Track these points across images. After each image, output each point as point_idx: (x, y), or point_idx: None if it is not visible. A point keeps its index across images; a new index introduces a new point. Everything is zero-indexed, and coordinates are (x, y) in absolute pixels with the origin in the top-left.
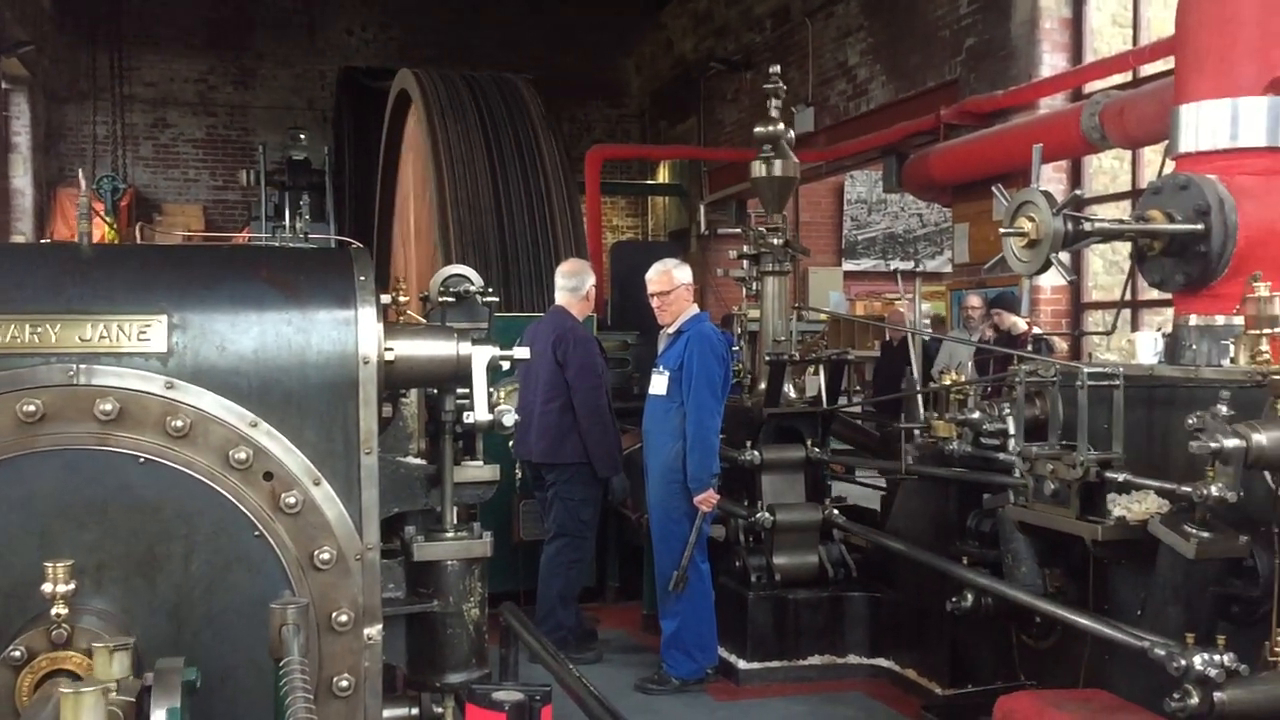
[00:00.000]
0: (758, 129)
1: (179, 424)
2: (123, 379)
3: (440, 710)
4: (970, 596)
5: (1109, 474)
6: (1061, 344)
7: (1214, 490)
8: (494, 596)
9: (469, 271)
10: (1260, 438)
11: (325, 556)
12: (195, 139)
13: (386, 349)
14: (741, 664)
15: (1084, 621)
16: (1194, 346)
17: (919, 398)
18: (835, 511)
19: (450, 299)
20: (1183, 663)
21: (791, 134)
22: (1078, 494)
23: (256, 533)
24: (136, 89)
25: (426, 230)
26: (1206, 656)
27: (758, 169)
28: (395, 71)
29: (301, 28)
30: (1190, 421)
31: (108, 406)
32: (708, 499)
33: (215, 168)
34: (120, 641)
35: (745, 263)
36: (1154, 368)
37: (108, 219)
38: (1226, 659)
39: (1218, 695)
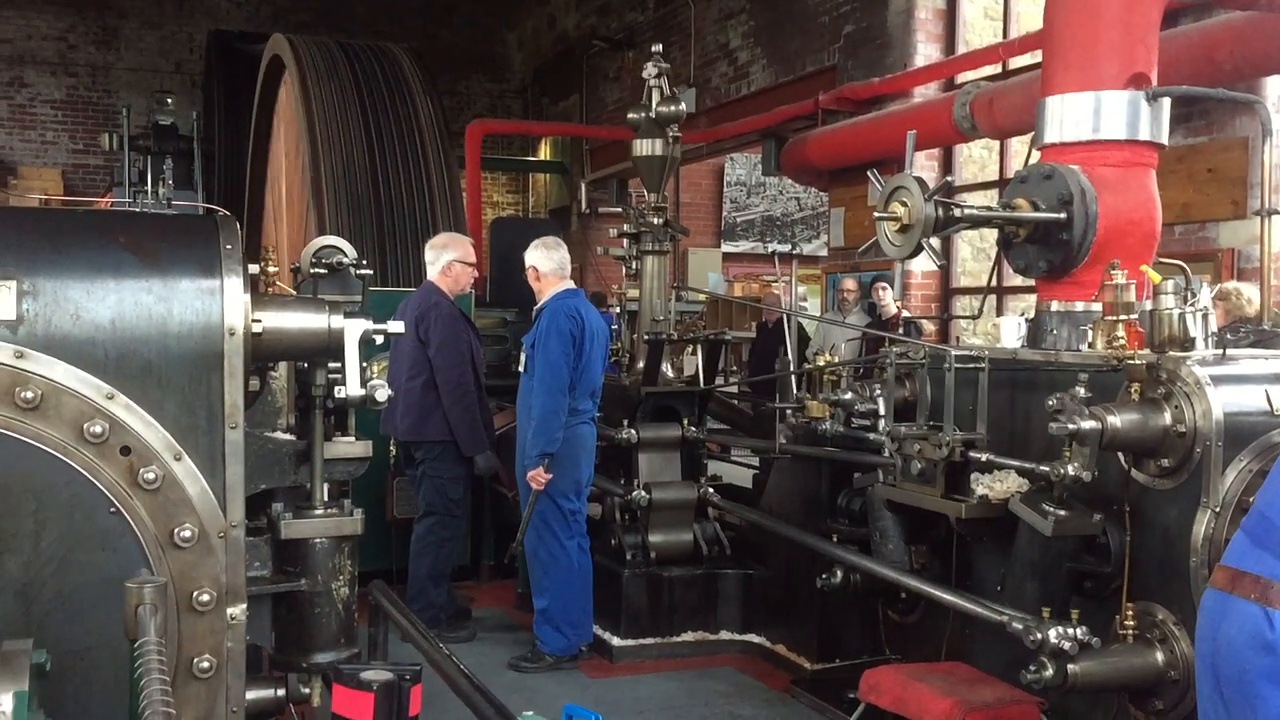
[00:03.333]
0: (631, 115)
1: (29, 395)
2: None
3: (307, 691)
4: (839, 573)
5: (973, 454)
6: (930, 327)
7: (1070, 470)
8: (367, 575)
9: (342, 243)
10: (1115, 420)
11: (186, 534)
12: (54, 100)
13: (254, 320)
14: (616, 641)
15: (946, 597)
16: (1055, 331)
17: (793, 378)
18: (711, 490)
19: (322, 271)
20: (1039, 636)
21: (683, 106)
22: (943, 473)
23: (112, 509)
24: None
25: (299, 201)
26: (1061, 630)
27: (638, 148)
28: (268, 37)
29: None
30: (1050, 404)
31: None
32: (535, 476)
33: (75, 130)
34: None
35: (625, 241)
36: (1017, 351)
37: None
38: (1079, 632)
39: (1071, 667)
